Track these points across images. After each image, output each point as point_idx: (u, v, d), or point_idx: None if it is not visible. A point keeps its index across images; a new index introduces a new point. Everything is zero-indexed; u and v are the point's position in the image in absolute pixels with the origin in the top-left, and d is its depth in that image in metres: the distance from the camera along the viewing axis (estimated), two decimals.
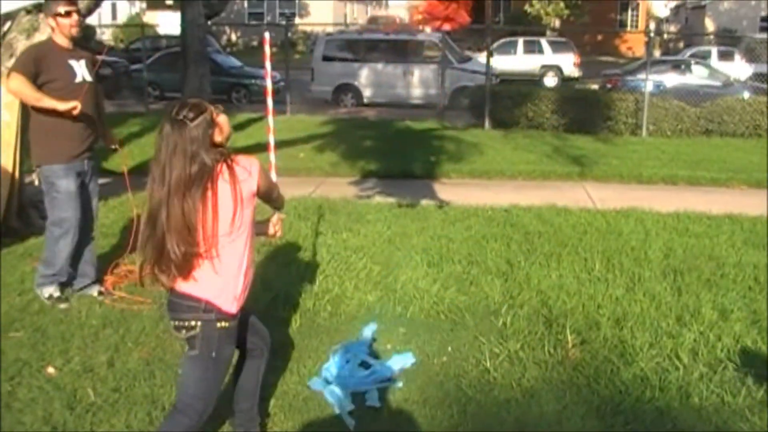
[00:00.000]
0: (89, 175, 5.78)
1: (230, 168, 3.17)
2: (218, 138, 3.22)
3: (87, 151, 5.70)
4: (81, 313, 5.51)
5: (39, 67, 5.38)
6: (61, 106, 5.28)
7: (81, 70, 5.60)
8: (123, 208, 8.46)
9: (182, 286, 3.22)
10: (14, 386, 4.45)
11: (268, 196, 3.51)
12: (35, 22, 6.91)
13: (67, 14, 5.47)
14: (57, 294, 5.72)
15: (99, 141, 5.93)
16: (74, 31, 5.54)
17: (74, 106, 5.30)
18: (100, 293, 5.90)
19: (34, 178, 5.67)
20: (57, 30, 5.52)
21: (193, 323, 3.22)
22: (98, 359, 4.79)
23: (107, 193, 8.85)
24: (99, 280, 6.02)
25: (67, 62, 5.52)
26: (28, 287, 5.89)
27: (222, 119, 3.26)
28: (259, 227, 3.63)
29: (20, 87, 5.33)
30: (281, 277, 6.10)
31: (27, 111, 5.71)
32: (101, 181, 6.14)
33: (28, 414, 4.15)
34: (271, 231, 3.74)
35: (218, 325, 3.24)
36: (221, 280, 3.23)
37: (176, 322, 3.27)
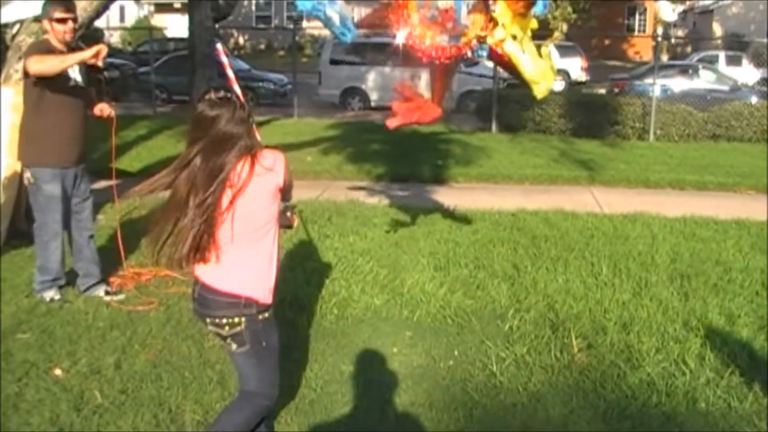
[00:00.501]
0: (80, 177, 5.80)
1: (256, 162, 3.15)
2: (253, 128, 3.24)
3: (77, 158, 5.71)
4: (88, 316, 5.52)
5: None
6: (87, 53, 5.28)
7: (74, 74, 5.66)
8: (132, 210, 8.47)
9: (217, 282, 3.21)
10: (21, 387, 4.46)
11: (287, 191, 3.50)
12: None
13: (63, 21, 5.51)
14: (58, 297, 5.75)
15: (89, 151, 5.95)
16: (68, 37, 5.58)
17: (100, 48, 5.31)
18: (107, 293, 5.91)
19: (28, 177, 5.69)
20: (51, 34, 5.57)
21: (236, 320, 3.22)
22: (105, 361, 4.80)
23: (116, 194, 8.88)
24: (104, 279, 6.04)
25: None
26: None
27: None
28: (283, 219, 3.63)
29: (40, 61, 5.32)
30: (288, 279, 6.10)
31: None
32: (110, 183, 6.15)
33: (36, 415, 4.16)
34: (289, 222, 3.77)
35: (260, 317, 3.27)
36: (256, 275, 3.24)
37: (216, 319, 3.24)
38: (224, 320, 3.23)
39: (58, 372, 4.64)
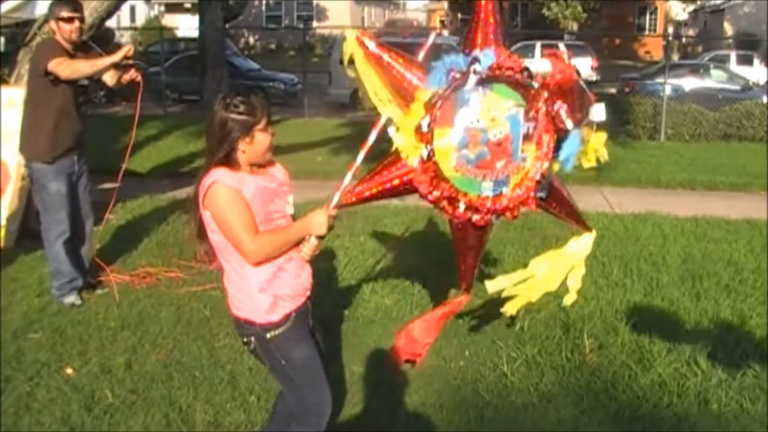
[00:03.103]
0: (79, 175, 5.83)
1: (200, 190, 3.05)
2: (242, 153, 3.02)
3: (75, 149, 5.75)
4: (99, 315, 5.54)
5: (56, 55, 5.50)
6: (116, 56, 5.45)
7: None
8: (141, 210, 8.50)
9: (229, 302, 3.19)
10: (33, 387, 4.48)
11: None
12: None
13: (69, 20, 5.54)
14: (79, 302, 5.76)
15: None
16: (74, 36, 5.61)
17: (128, 49, 5.53)
18: (93, 287, 6.01)
19: (30, 174, 5.77)
20: (58, 33, 5.60)
21: (245, 339, 3.17)
22: (116, 361, 4.81)
23: (124, 195, 8.90)
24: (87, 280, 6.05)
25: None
26: (47, 288, 5.92)
27: (261, 138, 3.09)
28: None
29: (70, 66, 5.43)
30: None
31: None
32: (117, 184, 6.15)
33: (47, 415, 4.18)
34: None
35: (268, 336, 3.10)
36: (242, 297, 3.11)
37: (241, 339, 3.23)
38: (243, 339, 3.20)
39: (69, 371, 4.66)
